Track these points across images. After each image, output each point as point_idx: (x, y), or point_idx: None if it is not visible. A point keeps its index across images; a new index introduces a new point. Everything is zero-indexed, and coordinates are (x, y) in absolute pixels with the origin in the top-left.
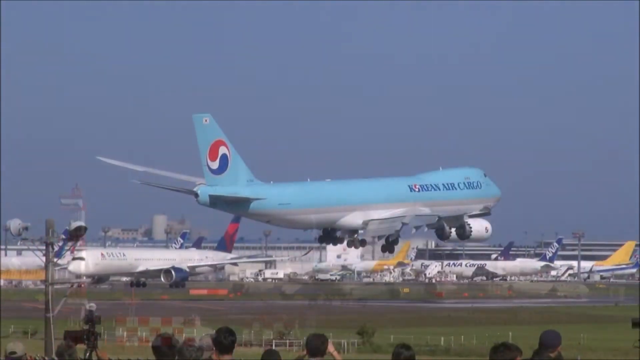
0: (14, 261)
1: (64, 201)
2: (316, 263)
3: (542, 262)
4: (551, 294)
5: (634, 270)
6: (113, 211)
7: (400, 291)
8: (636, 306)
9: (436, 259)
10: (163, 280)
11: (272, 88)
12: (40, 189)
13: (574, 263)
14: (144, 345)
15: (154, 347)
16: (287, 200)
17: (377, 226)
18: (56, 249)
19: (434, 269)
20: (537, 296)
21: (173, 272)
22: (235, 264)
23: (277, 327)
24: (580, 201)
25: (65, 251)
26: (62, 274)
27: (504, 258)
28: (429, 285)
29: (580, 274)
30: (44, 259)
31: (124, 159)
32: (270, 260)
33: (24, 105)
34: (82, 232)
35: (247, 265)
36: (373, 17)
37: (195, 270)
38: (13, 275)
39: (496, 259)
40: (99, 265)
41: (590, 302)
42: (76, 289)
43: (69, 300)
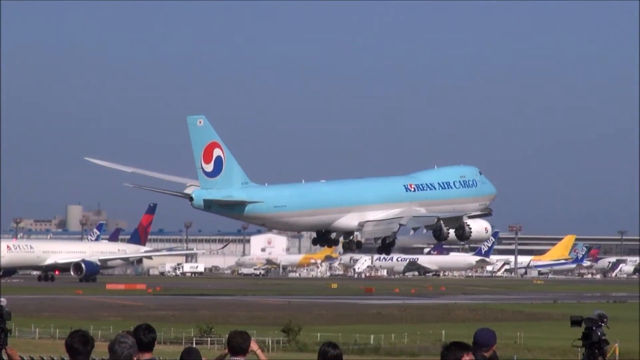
0: None
1: None
2: (239, 256)
3: (477, 257)
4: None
5: (573, 266)
6: (26, 201)
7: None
8: (575, 303)
9: (366, 252)
10: (73, 274)
11: (264, 88)
12: None
13: (511, 258)
14: (58, 343)
15: (67, 345)
16: (283, 203)
17: (373, 228)
18: None
19: (363, 263)
20: (471, 292)
21: (83, 265)
22: (149, 257)
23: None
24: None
25: None
26: None
27: (437, 252)
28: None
29: (517, 269)
30: None
31: (114, 160)
32: (190, 253)
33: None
34: None
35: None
36: (368, 16)
37: (107, 263)
38: None
39: (429, 253)
40: (5, 258)
41: (527, 299)
42: None
43: None
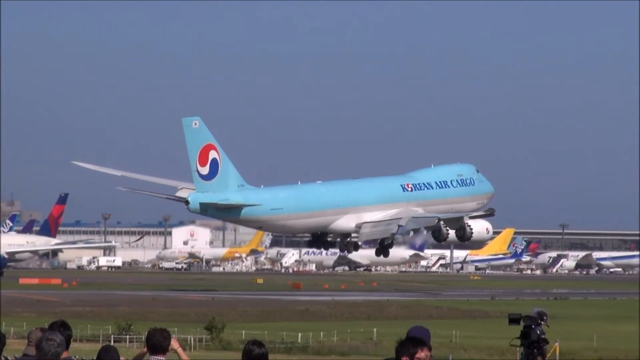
0: None
1: None
2: (160, 250)
3: (411, 251)
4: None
5: (512, 261)
6: None
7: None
8: (514, 300)
9: (293, 246)
10: None
11: (258, 89)
12: None
13: (447, 252)
14: None
15: None
16: (279, 205)
17: (370, 229)
18: None
19: (291, 257)
20: (405, 288)
21: None
22: (60, 249)
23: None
24: None
25: None
26: None
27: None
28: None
29: (453, 264)
30: None
31: (104, 163)
32: (107, 245)
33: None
34: None
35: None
36: (362, 15)
37: (15, 256)
38: None
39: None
40: None
41: (463, 296)
42: None
43: None
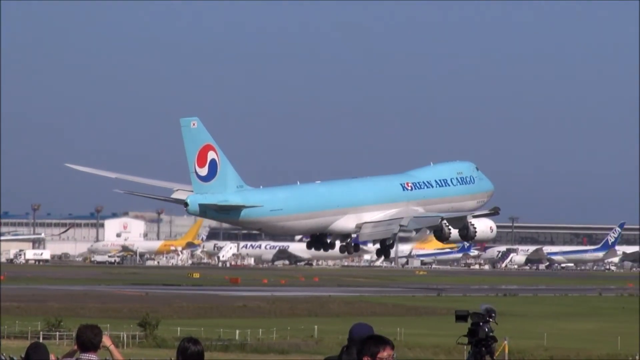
0: None
1: None
2: (92, 242)
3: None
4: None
5: (459, 255)
6: None
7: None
8: (461, 297)
9: (231, 239)
10: None
11: (254, 88)
12: None
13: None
14: None
15: None
16: (279, 206)
17: (371, 230)
18: None
19: (228, 251)
20: (347, 284)
21: None
22: None
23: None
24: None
25: None
26: None
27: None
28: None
29: (398, 259)
30: None
31: (98, 165)
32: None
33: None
34: None
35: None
36: (359, 14)
37: None
38: None
39: (301, 240)
40: None
41: (408, 291)
42: None
43: None
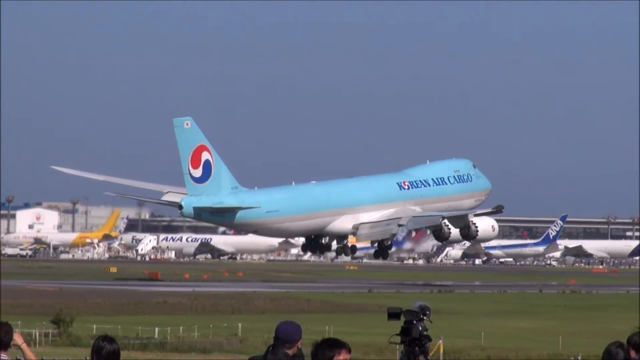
0: None
1: None
2: (3, 234)
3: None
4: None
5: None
6: None
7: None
8: (394, 293)
9: (151, 231)
10: None
11: (248, 87)
12: None
13: None
14: None
15: None
16: (275, 207)
17: (369, 230)
18: None
19: (148, 244)
20: (273, 279)
21: None
22: None
23: None
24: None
25: None
26: None
27: (234, 232)
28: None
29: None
30: None
31: (86, 167)
32: None
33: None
34: None
35: None
36: (355, 13)
37: None
38: None
39: (224, 233)
40: None
41: (338, 288)
42: None
43: None
